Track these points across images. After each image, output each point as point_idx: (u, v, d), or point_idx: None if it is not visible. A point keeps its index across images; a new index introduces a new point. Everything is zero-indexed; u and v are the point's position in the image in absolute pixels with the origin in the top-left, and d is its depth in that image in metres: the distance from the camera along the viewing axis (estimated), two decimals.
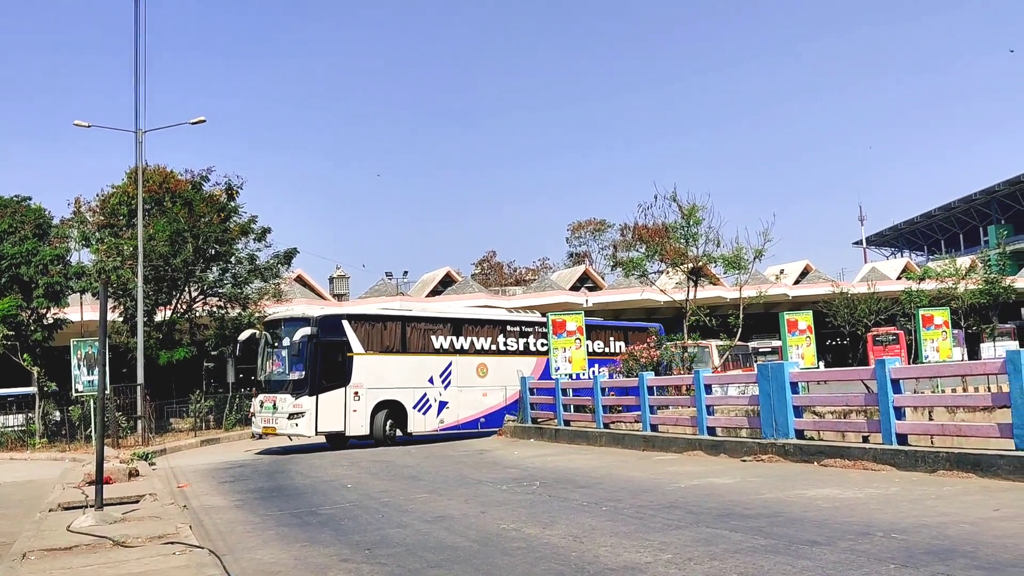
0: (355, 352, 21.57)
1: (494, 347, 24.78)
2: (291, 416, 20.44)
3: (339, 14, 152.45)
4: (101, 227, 32.99)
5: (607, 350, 27.41)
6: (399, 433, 22.20)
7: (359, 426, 21.31)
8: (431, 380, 23.02)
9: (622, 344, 27.41)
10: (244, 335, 25.01)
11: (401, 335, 22.86)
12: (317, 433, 20.68)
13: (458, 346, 23.98)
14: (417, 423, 22.48)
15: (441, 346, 23.55)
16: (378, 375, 21.85)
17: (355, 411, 21.24)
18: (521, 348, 25.34)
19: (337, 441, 21.86)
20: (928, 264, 56.25)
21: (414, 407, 22.42)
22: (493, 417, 23.87)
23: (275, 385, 21.36)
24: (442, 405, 23.06)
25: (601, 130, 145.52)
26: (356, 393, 21.32)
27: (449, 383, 23.36)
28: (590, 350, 25.71)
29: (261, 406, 21.39)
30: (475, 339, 24.48)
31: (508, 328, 25.47)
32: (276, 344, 21.81)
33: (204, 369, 34.79)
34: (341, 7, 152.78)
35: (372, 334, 22.19)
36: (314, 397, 20.56)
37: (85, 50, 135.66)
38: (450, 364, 23.56)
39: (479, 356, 24.34)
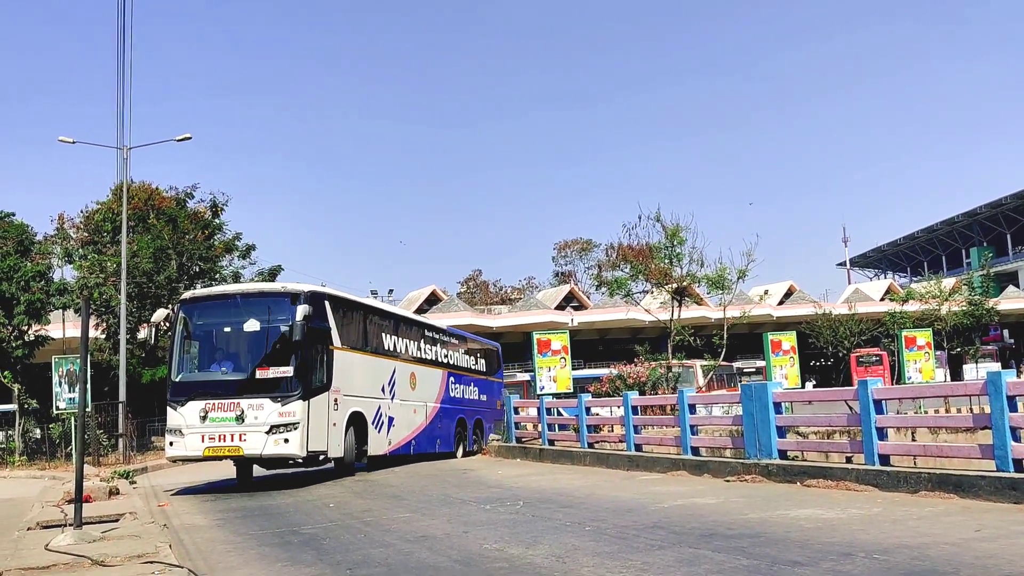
0: (335, 346, 16.49)
1: (419, 353, 20.82)
2: (274, 429, 14.83)
3: (325, 31, 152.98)
4: (84, 243, 32.98)
5: (474, 367, 24.47)
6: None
7: (335, 445, 16.20)
8: (383, 389, 18.54)
9: (483, 362, 25.11)
10: (159, 314, 18.11)
11: (366, 328, 18.36)
12: (308, 454, 15.30)
13: (399, 349, 19.72)
14: (374, 443, 17.93)
15: (389, 348, 19.24)
16: (348, 379, 16.83)
17: (334, 424, 16.12)
18: (433, 358, 21.62)
19: (247, 473, 16.97)
20: (912, 286, 56.66)
21: (372, 423, 17.83)
22: (421, 440, 20.27)
23: (233, 387, 15.31)
24: (390, 422, 18.70)
25: (588, 147, 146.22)
26: (336, 401, 16.18)
27: (394, 394, 19.01)
28: (464, 365, 23.62)
29: (204, 417, 15.13)
30: (409, 342, 20.29)
31: (426, 333, 21.71)
32: (234, 327, 15.96)
33: None
34: (327, 23, 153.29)
35: (346, 324, 17.27)
36: (306, 403, 15.11)
37: (68, 61, 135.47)
38: (394, 371, 19.17)
39: (411, 364, 20.15)
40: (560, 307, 57.05)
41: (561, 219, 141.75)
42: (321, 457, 16.00)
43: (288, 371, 15.09)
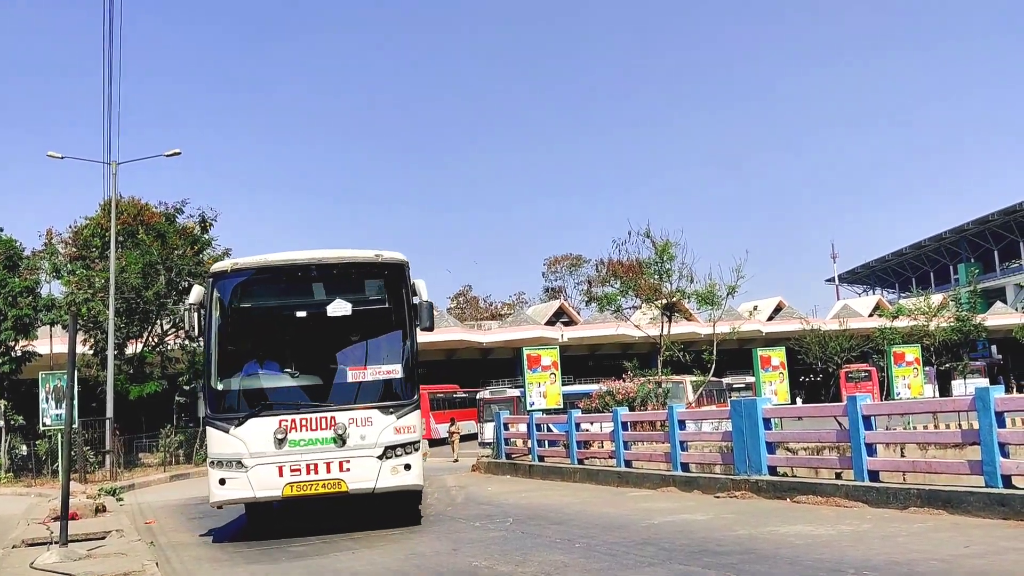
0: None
1: None
2: (389, 452, 10.96)
3: (315, 46, 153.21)
4: (73, 259, 32.85)
5: None
6: None
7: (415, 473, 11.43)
8: None
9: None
10: (196, 293, 11.67)
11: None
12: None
13: None
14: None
15: None
16: None
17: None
18: None
19: (264, 510, 12.14)
20: (900, 302, 56.93)
21: None
22: None
23: (321, 394, 11.25)
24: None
25: (578, 167, 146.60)
26: None
27: None
28: None
29: (283, 440, 10.75)
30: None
31: None
32: (310, 309, 11.52)
33: (175, 403, 34.41)
34: (318, 39, 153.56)
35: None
36: (417, 413, 11.42)
37: (56, 78, 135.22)
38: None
39: None
40: (550, 322, 57.11)
41: (552, 235, 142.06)
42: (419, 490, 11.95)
43: (397, 370, 11.29)
